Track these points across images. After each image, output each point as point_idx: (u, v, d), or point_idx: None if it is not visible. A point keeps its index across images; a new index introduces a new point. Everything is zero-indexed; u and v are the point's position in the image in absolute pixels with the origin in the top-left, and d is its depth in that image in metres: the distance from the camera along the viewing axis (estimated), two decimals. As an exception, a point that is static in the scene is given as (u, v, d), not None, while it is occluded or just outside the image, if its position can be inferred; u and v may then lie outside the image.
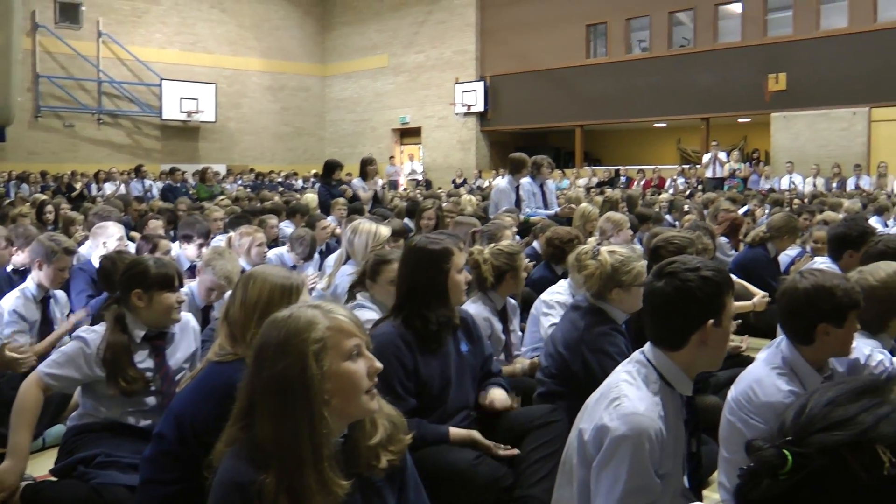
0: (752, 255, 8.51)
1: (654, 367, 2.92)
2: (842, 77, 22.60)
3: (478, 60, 31.38)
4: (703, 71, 25.45)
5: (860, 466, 1.43)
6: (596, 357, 4.31)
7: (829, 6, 23.58)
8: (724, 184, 22.94)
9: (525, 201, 11.08)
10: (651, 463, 2.70)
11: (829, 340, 3.37)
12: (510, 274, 5.36)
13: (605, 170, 28.15)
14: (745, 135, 28.49)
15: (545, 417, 4.15)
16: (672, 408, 2.88)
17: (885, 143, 22.43)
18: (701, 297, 2.81)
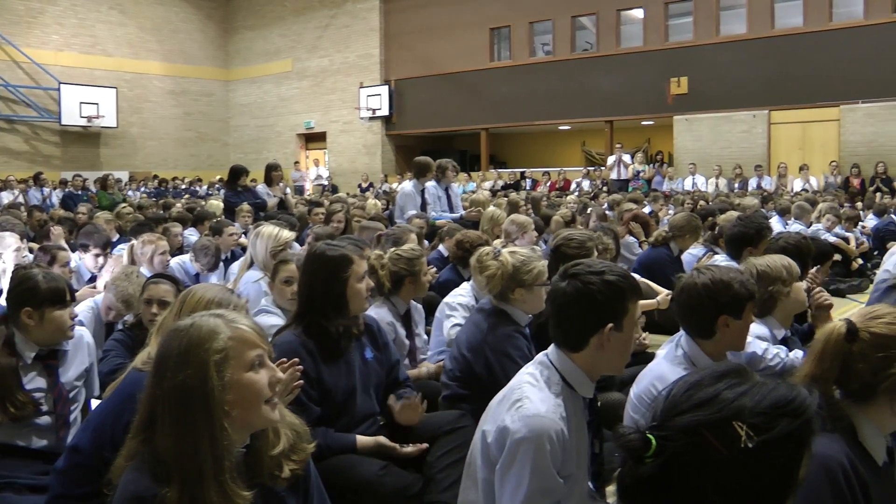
0: (655, 254, 8.47)
1: (556, 368, 2.88)
2: (742, 81, 22.81)
3: (382, 65, 30.78)
4: (606, 74, 25.34)
5: (719, 443, 1.53)
6: (498, 359, 4.30)
7: (728, 13, 23.78)
8: (628, 185, 22.88)
9: (430, 205, 10.98)
10: (553, 464, 2.68)
11: (729, 332, 3.45)
12: (409, 279, 5.30)
13: (510, 172, 27.83)
14: (649, 137, 28.46)
15: (453, 423, 4.09)
16: (574, 409, 2.85)
17: (784, 145, 22.73)
18: (601, 301, 2.79)
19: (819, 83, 21.65)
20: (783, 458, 1.59)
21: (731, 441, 1.54)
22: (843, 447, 2.33)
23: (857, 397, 2.43)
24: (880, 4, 21.17)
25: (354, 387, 3.98)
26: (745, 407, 1.57)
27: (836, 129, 21.85)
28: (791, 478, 1.61)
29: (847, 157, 21.47)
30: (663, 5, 24.55)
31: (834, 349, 2.44)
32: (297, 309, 4.09)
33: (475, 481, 2.91)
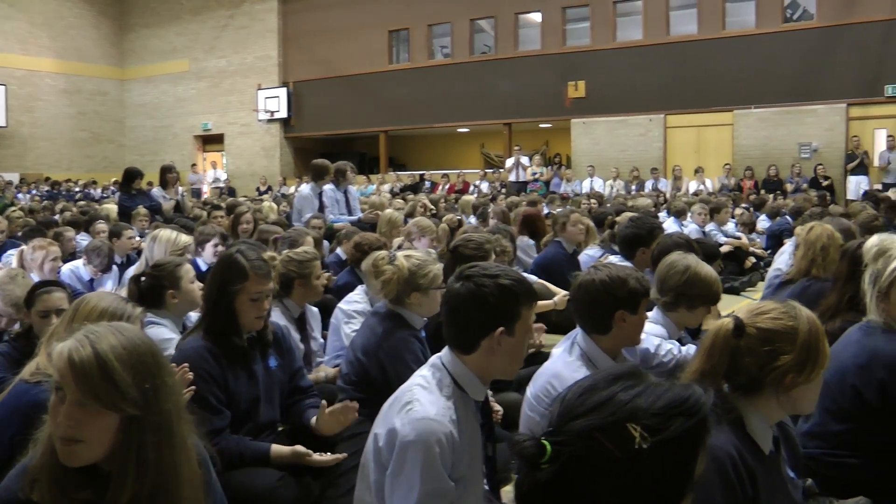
0: (551, 254, 8.33)
1: (448, 371, 2.82)
2: (638, 86, 22.78)
3: (281, 66, 29.82)
4: (504, 78, 25.01)
5: (614, 445, 1.52)
6: (392, 363, 4.24)
7: (624, 19, 23.75)
8: (526, 187, 22.59)
9: (328, 208, 10.78)
10: (444, 467, 2.63)
11: (625, 327, 3.45)
12: (299, 281, 5.21)
13: (409, 175, 27.34)
14: (547, 140, 28.09)
15: (352, 429, 3.99)
16: (465, 412, 2.79)
17: (679, 148, 22.77)
18: (493, 304, 2.73)
19: (713, 89, 21.81)
20: (679, 458, 1.57)
21: (626, 443, 1.52)
22: (731, 438, 2.36)
23: (745, 390, 2.46)
24: (771, 14, 21.43)
25: (258, 395, 3.87)
26: (640, 408, 1.55)
27: (729, 133, 22.07)
28: (687, 476, 1.59)
29: (740, 160, 21.65)
30: (561, 10, 24.35)
31: (722, 345, 2.46)
32: (201, 312, 4.01)
33: (368, 484, 2.83)
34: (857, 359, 3.56)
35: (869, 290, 3.67)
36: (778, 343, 2.43)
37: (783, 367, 2.42)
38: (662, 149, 22.93)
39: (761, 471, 2.41)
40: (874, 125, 20.48)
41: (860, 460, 3.48)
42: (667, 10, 22.78)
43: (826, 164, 20.38)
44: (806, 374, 2.44)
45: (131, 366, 2.01)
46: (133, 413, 1.99)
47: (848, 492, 3.33)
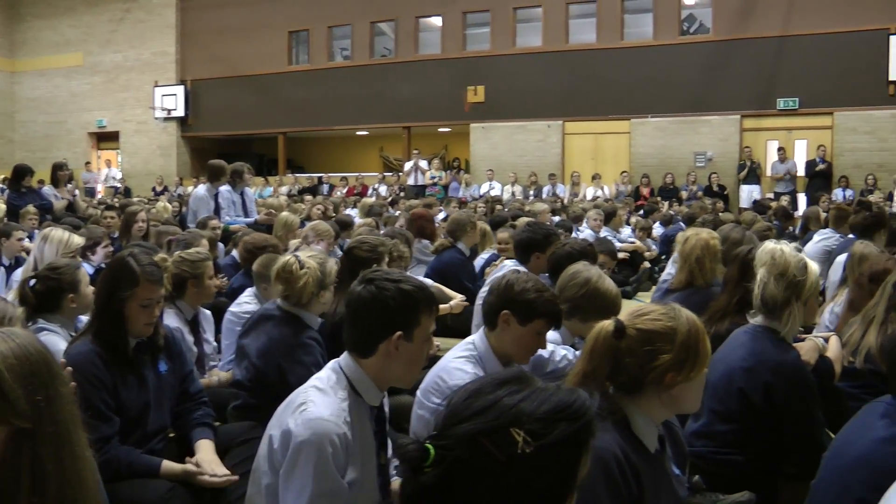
0: (447, 258, 8.14)
1: (345, 374, 2.78)
2: (537, 92, 22.57)
3: (178, 63, 28.31)
4: (404, 81, 24.41)
5: (497, 450, 1.51)
6: (291, 366, 4.18)
7: (524, 25, 23.50)
8: (425, 191, 22.15)
9: (224, 209, 10.43)
10: (337, 467, 2.59)
11: (508, 330, 3.49)
12: (192, 282, 5.06)
13: (307, 177, 26.46)
14: (446, 144, 27.71)
15: (245, 434, 3.96)
16: (360, 417, 2.76)
17: (577, 155, 22.68)
18: (393, 307, 2.70)
19: (611, 97, 21.72)
20: (562, 462, 1.56)
21: (509, 447, 1.51)
22: (616, 438, 2.35)
23: (627, 390, 2.45)
24: (669, 26, 21.55)
25: (148, 401, 3.69)
26: (524, 413, 1.54)
27: (626, 141, 22.00)
28: (571, 479, 1.58)
29: (637, 167, 21.63)
30: (461, 14, 23.92)
31: (603, 346, 2.45)
32: (90, 316, 3.81)
33: (259, 488, 2.76)
34: (744, 362, 3.62)
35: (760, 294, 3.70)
36: (657, 343, 2.41)
37: (663, 366, 2.40)
38: (561, 155, 22.77)
39: (646, 469, 2.39)
40: (767, 136, 20.89)
41: (744, 458, 3.55)
42: (566, 18, 22.62)
43: (720, 172, 20.56)
44: (685, 372, 2.42)
45: (22, 376, 1.81)
46: (23, 426, 1.79)
47: (733, 487, 3.40)
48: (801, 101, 20.07)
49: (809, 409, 3.56)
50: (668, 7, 21.47)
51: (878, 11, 19.08)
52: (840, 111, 19.83)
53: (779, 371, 3.54)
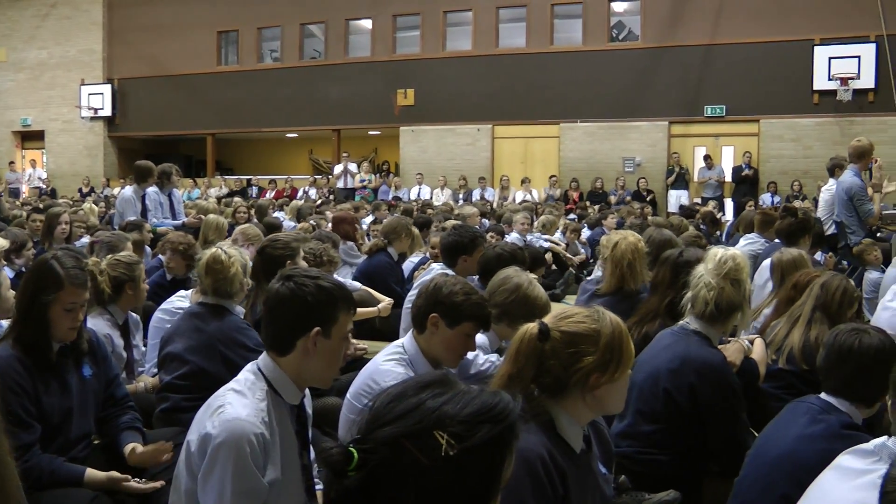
0: (376, 261, 7.99)
1: (263, 374, 2.71)
2: (467, 96, 22.18)
3: (105, 62, 26.94)
4: (334, 83, 23.69)
5: (420, 453, 1.49)
6: (237, 353, 4.11)
7: (454, 29, 23.02)
8: (355, 194, 21.62)
9: (151, 211, 10.12)
10: (256, 467, 2.53)
11: (436, 333, 3.48)
12: (129, 285, 4.86)
13: (236, 179, 25.51)
14: (376, 147, 27.05)
15: (172, 440, 3.65)
16: (280, 416, 2.69)
17: (506, 159, 22.34)
18: (311, 303, 2.66)
19: (540, 101, 21.42)
20: (486, 464, 1.54)
21: (432, 450, 1.49)
22: (542, 439, 2.34)
23: (552, 391, 2.42)
24: (598, 33, 21.30)
25: (71, 407, 3.53)
26: (447, 415, 1.52)
27: (556, 145, 21.73)
28: (495, 481, 1.57)
29: (566, 172, 21.33)
30: (391, 17, 23.28)
31: (527, 349, 2.42)
32: (11, 320, 3.67)
33: (180, 495, 2.65)
34: (669, 363, 3.63)
35: (714, 297, 3.72)
36: (581, 345, 2.39)
37: (587, 367, 2.37)
38: (490, 158, 22.37)
39: (572, 469, 2.38)
40: (694, 143, 20.73)
41: (669, 458, 3.57)
42: (496, 22, 22.22)
43: (648, 177, 20.36)
44: (609, 374, 2.39)
45: None
46: None
47: (658, 487, 3.37)
48: (728, 109, 20.05)
49: (733, 409, 3.60)
50: (598, 14, 21.26)
51: (803, 23, 19.11)
52: (766, 119, 19.85)
53: (703, 372, 3.57)
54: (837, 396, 2.95)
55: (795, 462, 2.79)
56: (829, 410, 2.91)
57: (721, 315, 3.73)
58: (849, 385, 2.94)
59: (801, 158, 19.40)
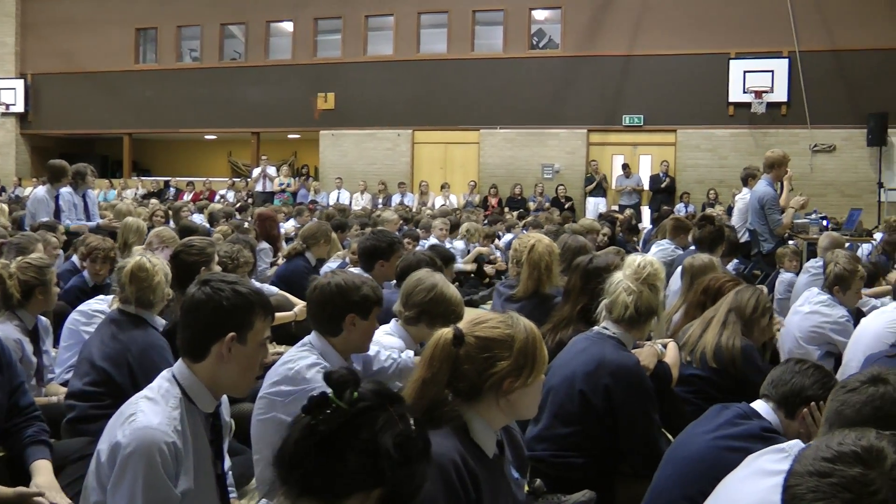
0: (293, 266, 7.97)
1: (178, 381, 2.61)
2: (387, 100, 21.72)
3: (18, 56, 25.54)
4: (254, 85, 22.93)
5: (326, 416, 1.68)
6: (143, 368, 3.92)
7: (375, 34, 22.55)
8: (274, 198, 21.07)
9: (65, 212, 9.69)
10: (168, 477, 2.43)
11: (355, 331, 3.45)
12: (39, 289, 4.66)
13: (153, 181, 24.39)
14: (296, 150, 26.40)
15: (81, 451, 3.69)
16: (194, 425, 2.59)
17: (426, 164, 21.99)
18: (227, 307, 2.57)
19: (461, 107, 21.15)
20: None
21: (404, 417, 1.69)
22: (455, 444, 2.31)
23: (466, 396, 2.39)
24: (518, 40, 21.13)
25: None
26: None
27: (475, 151, 21.43)
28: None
29: (486, 178, 21.05)
30: (313, 20, 22.64)
31: (442, 353, 2.37)
32: None
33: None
34: (585, 366, 3.64)
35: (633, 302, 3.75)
36: (495, 350, 2.36)
37: (501, 372, 2.34)
38: (410, 164, 21.93)
39: (485, 474, 2.35)
40: (612, 151, 20.64)
41: (584, 460, 3.59)
42: (418, 27, 21.82)
43: (567, 184, 20.19)
44: (523, 378, 2.37)
45: None
46: None
47: (573, 488, 3.41)
48: (646, 118, 20.03)
49: (646, 411, 3.63)
50: (519, 21, 21.03)
51: (719, 37, 19.28)
52: (683, 129, 19.88)
53: (618, 375, 3.58)
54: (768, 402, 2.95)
55: (712, 461, 2.79)
56: (751, 416, 2.91)
57: (640, 319, 3.76)
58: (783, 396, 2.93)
59: (717, 168, 19.50)
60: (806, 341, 5.83)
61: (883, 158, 18.35)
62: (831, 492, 1.38)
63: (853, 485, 1.37)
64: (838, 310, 5.83)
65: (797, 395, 2.88)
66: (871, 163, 18.62)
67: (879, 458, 1.40)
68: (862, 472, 1.38)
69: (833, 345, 5.81)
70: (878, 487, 1.37)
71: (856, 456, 1.41)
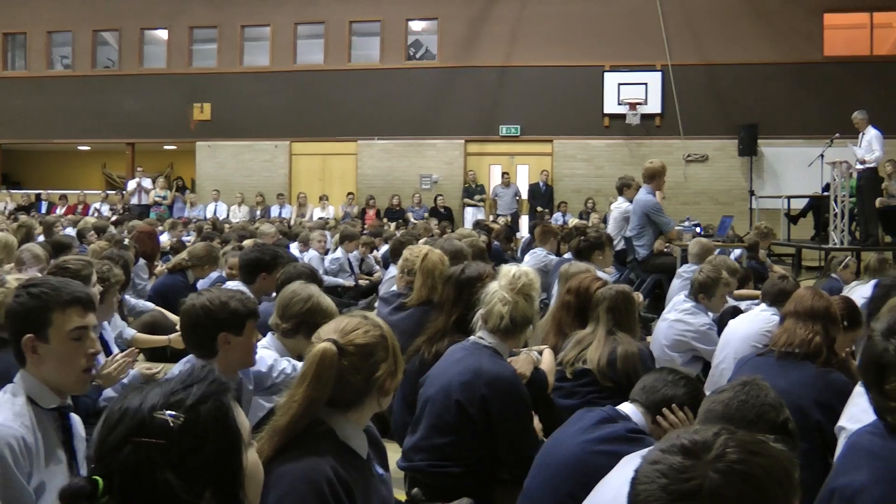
0: (171, 281, 7.82)
1: (22, 385, 2.62)
2: (264, 111, 21.08)
3: None
4: (128, 95, 21.84)
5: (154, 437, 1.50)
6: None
7: (252, 44, 21.93)
8: (150, 210, 20.11)
9: None
10: (20, 473, 2.40)
11: (231, 349, 3.31)
12: None
13: (24, 194, 23.10)
14: (172, 162, 25.48)
15: None
16: (42, 423, 2.57)
17: (304, 176, 21.48)
18: (20, 312, 2.62)
19: (338, 118, 20.67)
20: (216, 416, 1.56)
21: (162, 429, 1.50)
22: (326, 457, 2.25)
23: (347, 406, 2.36)
24: (395, 51, 20.88)
25: None
26: (156, 398, 1.54)
27: (353, 162, 21.05)
28: (233, 431, 1.58)
29: (364, 188, 20.71)
30: (188, 29, 21.81)
31: (329, 369, 2.30)
32: None
33: None
34: (461, 376, 3.62)
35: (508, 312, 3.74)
36: (377, 353, 2.38)
37: (383, 374, 2.37)
38: (288, 175, 21.39)
39: (356, 478, 2.31)
40: (489, 161, 20.58)
41: (462, 469, 3.58)
42: (294, 38, 21.29)
43: (445, 195, 19.99)
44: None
45: None
46: None
47: (452, 497, 3.40)
48: (523, 129, 19.99)
49: (523, 420, 3.66)
50: (395, 32, 20.79)
51: (594, 49, 19.42)
52: (559, 139, 19.91)
53: (495, 385, 3.58)
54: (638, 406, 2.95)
55: (580, 464, 2.80)
56: (617, 418, 2.91)
57: (515, 328, 3.76)
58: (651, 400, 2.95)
59: (594, 178, 19.57)
60: (671, 349, 5.94)
61: (754, 168, 18.78)
62: (652, 476, 1.42)
63: (670, 471, 1.41)
64: (701, 318, 5.97)
65: (667, 403, 2.89)
66: (742, 172, 19.02)
67: (704, 450, 1.42)
68: (681, 461, 1.42)
69: (696, 351, 5.94)
70: (693, 475, 1.39)
71: (682, 447, 1.44)
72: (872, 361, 2.35)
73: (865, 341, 2.44)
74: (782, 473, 1.45)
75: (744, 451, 1.43)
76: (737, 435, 1.47)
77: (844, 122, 14.18)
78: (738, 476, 1.40)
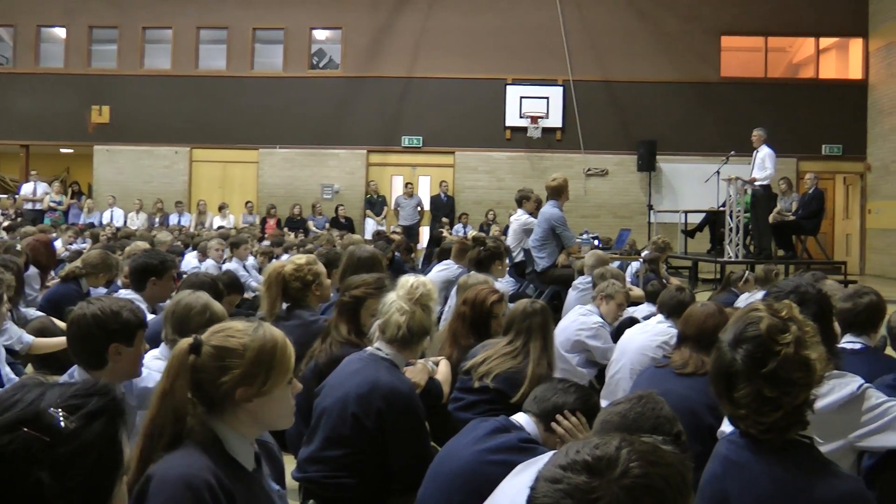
0: (63, 290, 7.38)
1: None
2: (165, 116, 20.42)
3: None
4: (23, 94, 20.94)
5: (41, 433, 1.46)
6: None
7: (153, 46, 21.22)
8: (44, 216, 19.30)
9: None
10: None
11: (121, 360, 3.22)
12: None
13: None
14: (69, 166, 24.60)
15: None
16: None
17: (205, 183, 20.90)
18: None
19: (240, 126, 20.28)
20: (105, 432, 1.53)
21: (52, 428, 1.46)
22: (207, 462, 2.18)
23: (209, 407, 2.30)
24: (298, 60, 20.62)
25: None
26: (54, 397, 1.52)
27: (254, 170, 20.66)
28: (117, 450, 1.55)
29: (265, 197, 20.33)
30: (87, 28, 21.02)
31: (179, 364, 2.28)
32: None
33: None
34: (358, 388, 3.62)
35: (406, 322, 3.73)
36: (227, 359, 2.28)
37: (231, 381, 2.26)
38: (188, 182, 20.80)
39: (241, 490, 2.22)
40: (392, 172, 20.52)
41: (357, 481, 3.58)
42: (197, 42, 20.75)
43: (347, 204, 19.83)
44: (257, 387, 2.27)
45: None
46: None
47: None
48: (425, 140, 19.95)
49: (418, 433, 3.67)
50: (299, 40, 20.51)
51: (496, 62, 19.58)
52: (461, 151, 19.96)
53: (391, 399, 3.58)
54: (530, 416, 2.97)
55: (473, 474, 2.80)
56: (510, 428, 2.93)
57: (413, 339, 3.76)
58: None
59: (495, 190, 19.67)
60: (567, 350, 6.09)
61: (652, 183, 19.19)
62: (556, 497, 1.39)
63: (575, 492, 1.39)
64: (593, 317, 6.25)
65: (558, 411, 2.92)
66: (641, 187, 19.39)
67: (609, 467, 1.40)
68: (586, 481, 1.39)
69: (590, 352, 6.15)
70: (600, 495, 1.37)
71: (585, 464, 1.42)
72: (721, 371, 2.37)
73: (714, 352, 2.46)
74: (680, 480, 1.46)
75: (645, 462, 1.42)
76: (636, 445, 1.46)
77: (740, 140, 14.64)
78: (641, 490, 1.39)
